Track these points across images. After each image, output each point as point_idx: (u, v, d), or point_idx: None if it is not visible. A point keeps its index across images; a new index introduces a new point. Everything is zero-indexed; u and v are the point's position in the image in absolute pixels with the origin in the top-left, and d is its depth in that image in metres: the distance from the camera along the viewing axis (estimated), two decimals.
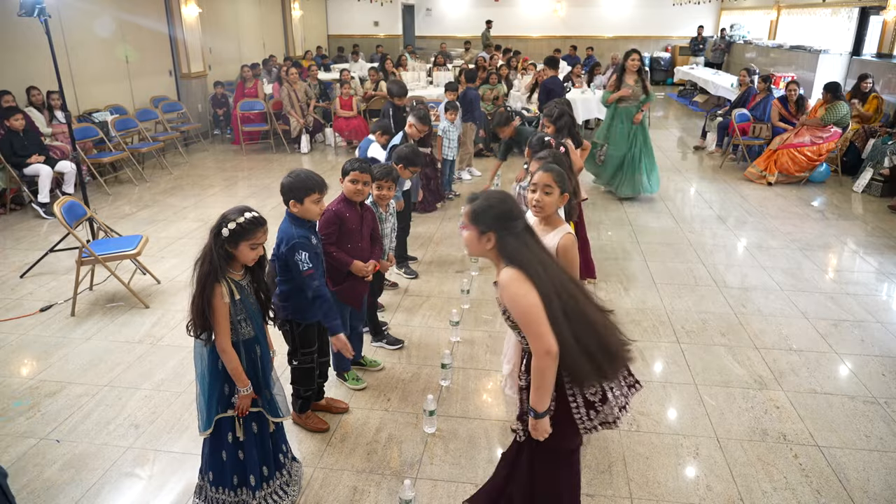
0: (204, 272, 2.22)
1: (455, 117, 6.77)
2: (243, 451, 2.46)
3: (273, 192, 7.09)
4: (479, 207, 2.02)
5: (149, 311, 4.41)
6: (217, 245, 2.22)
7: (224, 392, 2.37)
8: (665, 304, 4.49)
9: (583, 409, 2.03)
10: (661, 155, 9.46)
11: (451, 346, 3.94)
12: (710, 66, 15.29)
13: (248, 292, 2.35)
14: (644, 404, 3.32)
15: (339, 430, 3.13)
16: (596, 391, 2.02)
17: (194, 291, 2.23)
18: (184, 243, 5.77)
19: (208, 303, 2.21)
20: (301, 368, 3.01)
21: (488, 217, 1.99)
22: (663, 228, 6.13)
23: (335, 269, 3.18)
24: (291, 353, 2.99)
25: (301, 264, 2.66)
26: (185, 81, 10.37)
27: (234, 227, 2.20)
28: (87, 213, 4.78)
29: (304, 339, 2.95)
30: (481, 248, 2.02)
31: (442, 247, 5.67)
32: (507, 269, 1.95)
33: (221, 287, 2.22)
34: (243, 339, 2.36)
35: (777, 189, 7.49)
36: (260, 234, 2.27)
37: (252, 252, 2.26)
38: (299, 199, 2.66)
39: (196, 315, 2.24)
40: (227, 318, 2.26)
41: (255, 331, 2.39)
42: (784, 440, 3.04)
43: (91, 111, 8.25)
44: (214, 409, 2.37)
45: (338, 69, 11.91)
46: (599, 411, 2.04)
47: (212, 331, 2.26)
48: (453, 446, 3.01)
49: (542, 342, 1.86)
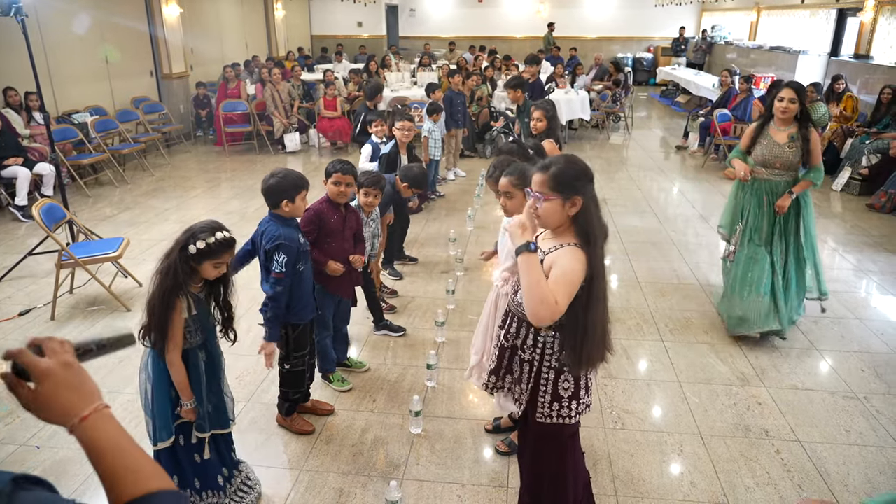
0: (167, 286, 2.17)
1: (439, 118, 6.79)
2: (200, 456, 2.43)
3: (257, 193, 6.98)
4: (561, 171, 1.91)
5: (130, 314, 4.36)
6: (182, 260, 2.17)
7: (173, 397, 2.32)
8: (649, 303, 4.52)
9: (583, 392, 2.08)
10: (644, 155, 9.55)
11: (437, 346, 3.94)
12: (692, 66, 15.45)
13: (204, 303, 2.32)
14: (629, 402, 3.35)
15: (325, 432, 3.12)
16: (589, 375, 2.09)
17: (154, 301, 2.19)
18: (165, 245, 5.63)
19: (170, 316, 2.18)
20: (293, 372, 2.99)
21: (573, 178, 1.91)
22: (647, 228, 6.18)
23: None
24: (284, 358, 2.98)
25: (276, 265, 2.66)
26: (167, 82, 10.28)
27: (202, 246, 2.15)
28: (67, 215, 4.72)
29: (298, 343, 2.94)
30: (563, 216, 1.94)
31: (427, 247, 5.67)
32: (574, 249, 1.90)
33: (182, 302, 2.20)
34: (188, 348, 2.31)
35: None
36: (227, 255, 2.23)
37: (215, 271, 2.23)
38: (291, 197, 2.67)
39: (154, 326, 2.19)
40: (181, 333, 2.23)
41: (203, 338, 2.34)
42: (766, 436, 3.08)
43: (70, 112, 8.15)
44: (172, 415, 2.32)
45: (321, 70, 11.87)
46: (591, 394, 2.12)
47: (165, 341, 2.22)
48: (439, 447, 3.01)
49: (557, 308, 1.81)
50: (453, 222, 6.29)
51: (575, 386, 2.07)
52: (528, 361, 2.10)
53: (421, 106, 8.09)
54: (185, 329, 2.25)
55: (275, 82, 9.43)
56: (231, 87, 9.95)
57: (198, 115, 10.49)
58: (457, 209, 6.78)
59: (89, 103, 8.64)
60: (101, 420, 0.91)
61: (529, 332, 2.07)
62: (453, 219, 6.45)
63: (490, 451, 2.98)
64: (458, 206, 6.90)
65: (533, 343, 2.07)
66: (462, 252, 5.37)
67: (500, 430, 3.08)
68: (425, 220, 6.43)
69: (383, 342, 4.00)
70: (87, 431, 0.89)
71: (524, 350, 2.10)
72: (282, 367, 3.00)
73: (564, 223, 1.96)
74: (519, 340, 2.12)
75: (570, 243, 1.93)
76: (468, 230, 6.09)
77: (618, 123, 11.90)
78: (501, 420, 3.11)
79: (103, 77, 9.09)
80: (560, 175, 1.91)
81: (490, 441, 3.04)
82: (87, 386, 0.93)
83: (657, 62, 17.57)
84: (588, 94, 10.61)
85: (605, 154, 9.65)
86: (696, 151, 9.48)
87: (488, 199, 6.98)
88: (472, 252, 5.51)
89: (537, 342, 2.06)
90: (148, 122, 9.35)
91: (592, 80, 12.67)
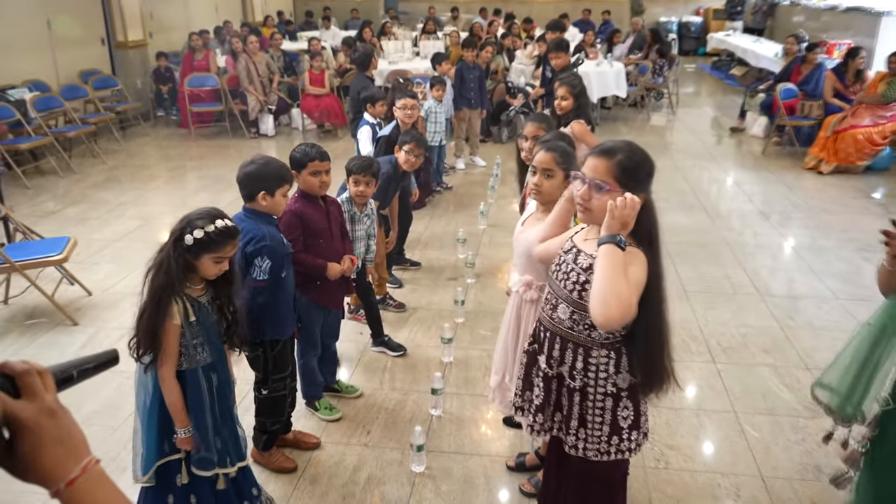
0: (158, 285, 2.20)
1: (443, 94, 6.80)
2: (196, 497, 2.44)
3: (229, 184, 7.05)
4: (630, 160, 1.97)
5: (78, 329, 4.39)
6: (176, 253, 2.19)
7: (173, 429, 2.35)
8: (698, 317, 4.51)
9: (642, 419, 2.11)
10: (692, 139, 9.53)
11: (443, 367, 3.94)
12: (750, 32, 15.41)
13: (209, 312, 2.34)
14: (673, 436, 3.33)
15: (309, 470, 3.12)
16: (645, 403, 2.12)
17: (144, 303, 2.22)
18: (120, 247, 5.75)
19: (161, 322, 2.20)
20: (272, 398, 3.00)
21: (641, 171, 1.98)
22: (695, 226, 6.17)
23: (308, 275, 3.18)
24: (261, 382, 2.99)
25: (257, 272, 2.67)
26: (121, 52, 10.35)
27: (200, 235, 2.18)
28: (2, 210, 4.75)
29: (278, 363, 2.96)
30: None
31: (431, 249, 5.68)
32: (632, 249, 1.94)
33: (174, 306, 2.21)
34: (200, 367, 2.34)
35: (830, 178, 7.55)
36: (229, 247, 2.26)
37: (215, 267, 2.25)
38: (271, 190, 2.68)
39: (143, 334, 2.22)
40: (176, 343, 2.25)
41: (214, 356, 2.38)
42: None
43: (5, 87, 8.19)
44: (158, 450, 2.34)
45: (305, 38, 11.92)
46: (648, 420, 2.16)
47: (157, 354, 2.25)
48: (446, 488, 3.01)
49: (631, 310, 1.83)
50: (462, 220, 6.30)
51: (635, 413, 2.09)
52: (578, 390, 2.11)
53: (424, 81, 8.12)
54: (182, 341, 2.27)
55: (250, 53, 9.47)
56: (198, 58, 10.00)
57: (158, 91, 10.55)
58: (466, 204, 6.78)
59: (28, 77, 8.69)
60: (91, 482, 0.87)
61: (578, 354, 2.08)
62: (462, 216, 6.45)
63: (507, 493, 2.98)
64: (468, 200, 6.91)
65: (584, 367, 2.07)
66: (473, 255, 5.37)
67: (525, 469, 3.08)
68: (429, 216, 6.44)
69: (379, 362, 4.00)
70: (76, 495, 0.85)
71: (573, 377, 2.11)
72: (258, 392, 3.01)
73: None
74: (566, 367, 2.12)
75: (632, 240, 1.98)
76: (480, 229, 6.09)
77: (660, 101, 11.89)
78: (527, 456, 3.11)
79: (44, 46, 9.16)
80: (628, 166, 1.97)
81: (507, 481, 3.04)
82: (75, 436, 0.88)
83: (707, 27, 17.52)
84: (624, 67, 10.60)
85: (645, 138, 9.62)
86: (760, 136, 9.43)
87: (504, 193, 6.98)
88: (485, 255, 5.51)
89: (589, 365, 2.07)
90: (99, 100, 9.40)
91: (630, 48, 12.66)
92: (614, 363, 2.04)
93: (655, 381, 2.01)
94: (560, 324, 2.11)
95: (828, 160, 7.66)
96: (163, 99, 10.63)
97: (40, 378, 0.87)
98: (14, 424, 0.82)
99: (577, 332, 2.07)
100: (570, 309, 2.07)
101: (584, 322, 2.05)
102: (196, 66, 9.91)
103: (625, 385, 2.07)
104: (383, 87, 8.94)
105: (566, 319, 2.08)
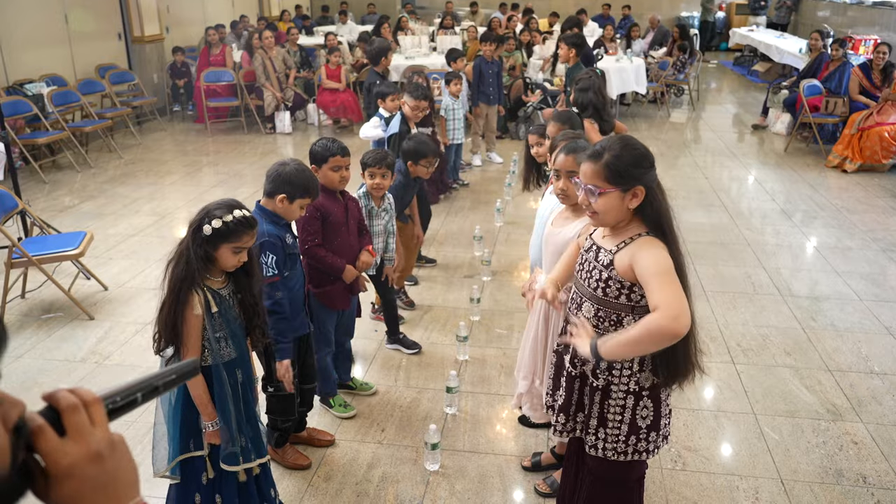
0: (178, 276, 2.23)
1: (459, 89, 6.79)
2: (221, 496, 2.45)
3: (244, 179, 7.10)
4: (617, 157, 1.94)
5: (93, 324, 4.44)
6: (196, 244, 2.22)
7: (198, 424, 2.37)
8: (717, 317, 4.49)
9: (663, 420, 2.10)
10: (713, 136, 9.46)
11: (458, 365, 3.95)
12: (774, 27, 15.28)
13: (230, 304, 2.36)
14: (691, 438, 3.32)
15: (323, 467, 3.14)
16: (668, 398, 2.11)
17: (165, 297, 2.25)
18: (136, 242, 5.81)
19: (181, 313, 2.23)
20: (278, 396, 3.01)
21: (629, 165, 1.93)
22: (715, 225, 6.13)
23: (320, 270, 3.20)
24: (266, 379, 3.00)
25: (265, 268, 2.68)
26: (138, 46, 10.44)
27: (218, 225, 2.20)
28: (19, 205, 4.81)
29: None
30: (624, 211, 1.97)
31: (447, 246, 5.69)
32: (649, 238, 1.95)
33: (195, 296, 2.24)
34: (223, 362, 2.36)
35: (855, 177, 7.47)
36: (247, 237, 2.27)
37: (234, 257, 2.27)
38: (291, 197, 2.71)
39: (163, 326, 2.25)
40: (198, 335, 2.27)
41: (238, 351, 2.39)
42: (863, 483, 3.03)
43: (23, 81, 8.29)
44: (182, 445, 2.36)
45: (322, 33, 11.96)
46: (670, 420, 2.16)
47: (179, 347, 2.27)
48: (461, 487, 3.01)
49: (678, 304, 1.81)
50: (479, 217, 6.30)
51: (654, 414, 2.09)
52: (600, 389, 2.11)
53: (440, 77, 8.11)
54: (204, 334, 2.29)
55: (266, 48, 9.52)
56: (214, 52, 10.07)
57: (175, 86, 10.63)
58: (482, 201, 6.78)
59: (46, 71, 8.79)
60: None
61: None
62: (479, 213, 6.46)
63: (522, 493, 2.98)
64: (485, 197, 6.91)
65: (608, 365, 2.07)
66: (489, 252, 5.37)
67: (541, 468, 3.08)
68: (445, 213, 6.45)
69: (394, 360, 4.02)
70: None
71: (597, 376, 2.11)
72: (265, 388, 3.03)
73: (626, 218, 1.99)
74: (589, 366, 2.12)
75: (639, 234, 1.97)
76: (497, 226, 6.09)
77: (681, 97, 11.82)
78: (542, 455, 3.11)
79: (62, 40, 9.25)
80: (616, 163, 1.93)
81: (522, 481, 3.04)
82: (121, 480, 0.80)
83: (730, 22, 17.37)
84: (645, 62, 10.54)
85: (665, 135, 9.58)
86: (781, 133, 9.36)
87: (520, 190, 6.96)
88: (501, 253, 5.51)
89: (613, 363, 2.07)
90: (115, 95, 9.49)
91: (650, 44, 12.59)
92: (638, 360, 2.04)
93: (680, 371, 2.00)
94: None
95: (853, 158, 7.59)
96: (179, 94, 10.72)
97: (89, 411, 0.78)
98: (53, 468, 0.75)
99: (601, 330, 2.07)
100: (594, 307, 2.07)
101: (609, 319, 2.05)
102: (212, 61, 9.98)
103: (647, 384, 2.07)
104: (399, 81, 8.94)
105: (591, 317, 2.08)
